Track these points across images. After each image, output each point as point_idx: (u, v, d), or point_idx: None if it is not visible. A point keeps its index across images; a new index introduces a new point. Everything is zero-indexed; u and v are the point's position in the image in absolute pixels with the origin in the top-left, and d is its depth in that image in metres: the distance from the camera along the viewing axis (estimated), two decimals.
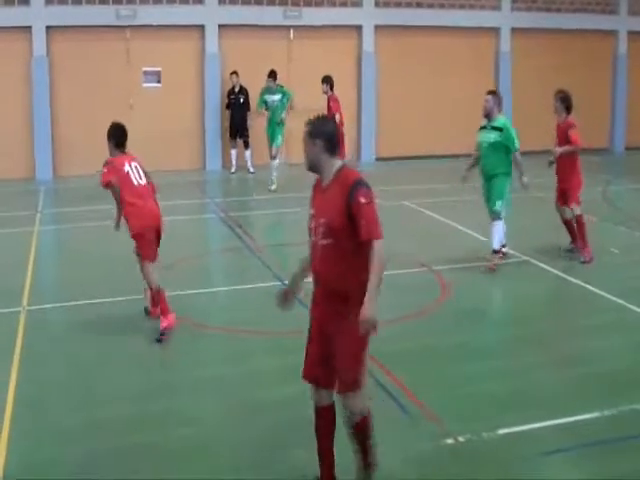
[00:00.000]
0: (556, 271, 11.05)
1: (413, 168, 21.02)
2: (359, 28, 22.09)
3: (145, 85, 20.59)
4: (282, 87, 18.41)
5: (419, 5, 22.57)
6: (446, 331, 8.86)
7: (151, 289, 8.81)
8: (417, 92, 22.59)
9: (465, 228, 13.60)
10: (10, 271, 11.49)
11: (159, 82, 20.71)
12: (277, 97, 18.10)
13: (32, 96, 19.85)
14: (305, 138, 5.21)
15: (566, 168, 11.44)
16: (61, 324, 9.44)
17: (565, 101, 11.44)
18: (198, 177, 20.31)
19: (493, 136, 11.01)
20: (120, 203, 9.05)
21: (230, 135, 20.79)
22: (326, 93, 16.71)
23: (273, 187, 17.44)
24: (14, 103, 19.87)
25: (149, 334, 8.55)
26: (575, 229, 11.63)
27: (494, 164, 11.03)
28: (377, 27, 22.08)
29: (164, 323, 8.57)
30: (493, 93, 11.40)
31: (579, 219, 11.53)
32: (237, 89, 20.62)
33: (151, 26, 20.38)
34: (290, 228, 14.28)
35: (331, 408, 5.40)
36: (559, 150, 11.31)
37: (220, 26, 20.86)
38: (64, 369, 7.92)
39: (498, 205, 11.06)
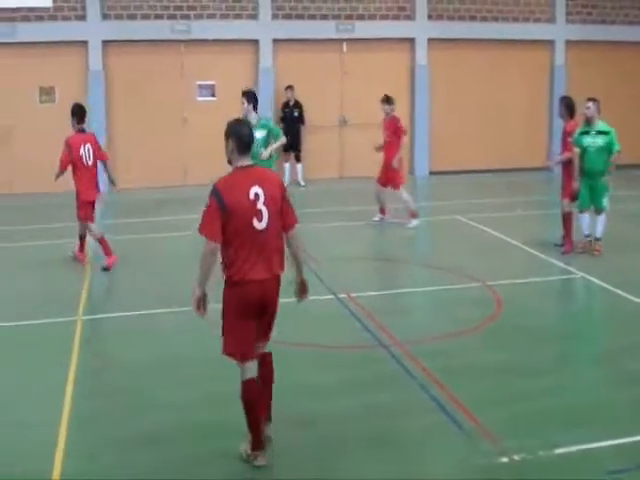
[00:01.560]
0: (612, 287, 10.88)
1: (466, 182, 20.87)
2: (412, 41, 22.05)
3: (199, 99, 20.79)
4: (267, 122, 12.96)
5: (473, 18, 22.46)
6: (501, 347, 8.77)
7: (98, 237, 12.08)
8: (470, 105, 22.44)
9: (519, 243, 13.48)
10: (67, 281, 11.66)
11: (213, 96, 20.88)
12: (260, 134, 12.10)
13: (89, 110, 20.06)
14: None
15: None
16: (116, 334, 9.54)
17: (569, 107, 12.60)
18: None
19: (601, 140, 12.18)
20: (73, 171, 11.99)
21: (284, 148, 20.83)
22: (388, 114, 15.35)
23: None
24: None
25: (202, 344, 8.56)
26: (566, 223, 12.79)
27: (600, 165, 12.20)
28: (430, 40, 22.01)
29: (109, 261, 11.93)
30: (594, 100, 12.28)
31: (568, 215, 12.69)
32: (292, 103, 20.71)
33: (206, 40, 20.57)
34: (342, 241, 14.26)
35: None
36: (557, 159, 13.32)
37: (274, 40, 20.98)
38: (119, 378, 8.00)
39: (605, 202, 12.40)
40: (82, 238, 12.65)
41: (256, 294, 5.86)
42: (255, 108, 12.27)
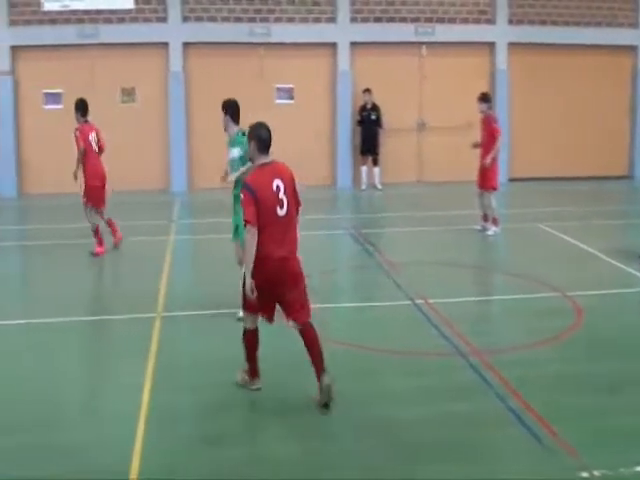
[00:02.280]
0: None
1: (546, 189, 20.49)
2: (492, 45, 21.79)
3: (278, 101, 20.89)
4: (244, 135, 8.83)
5: (554, 23, 22.06)
6: (581, 359, 8.58)
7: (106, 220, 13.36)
8: (550, 111, 22.05)
9: (600, 253, 13.18)
10: (147, 277, 11.84)
11: (291, 99, 20.96)
12: (237, 152, 9.78)
13: (168, 110, 20.47)
14: None
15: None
16: (193, 331, 9.64)
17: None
18: (329, 194, 20.35)
19: None
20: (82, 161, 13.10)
21: (361, 152, 20.82)
22: (484, 112, 14.87)
23: None
24: (151, 117, 20.56)
25: (279, 344, 8.60)
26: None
27: None
28: (510, 44, 21.72)
29: (100, 249, 13.09)
30: None
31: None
32: (369, 106, 20.63)
33: (284, 44, 20.66)
34: (419, 246, 14.17)
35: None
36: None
37: (352, 43, 20.96)
38: (195, 376, 8.05)
39: None
40: (96, 232, 13.27)
41: (276, 268, 6.92)
42: (234, 119, 9.99)
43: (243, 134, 9.14)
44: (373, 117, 20.65)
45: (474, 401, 7.39)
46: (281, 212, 6.94)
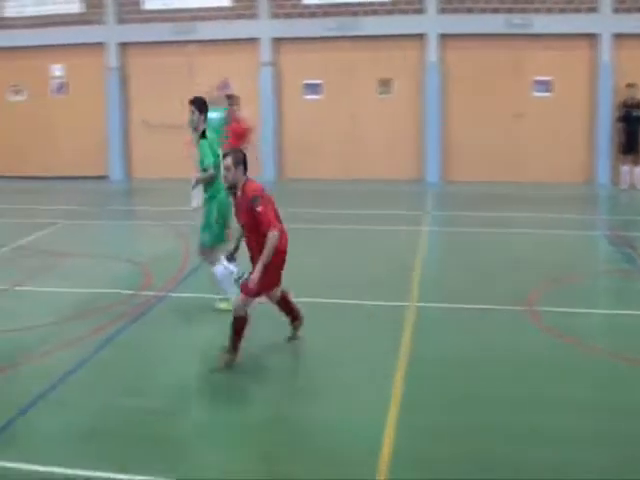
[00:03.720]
0: None
1: None
2: None
3: (535, 94, 20.39)
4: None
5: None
6: None
7: None
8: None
9: None
10: (400, 266, 11.87)
11: (549, 92, 20.38)
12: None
13: (424, 101, 20.58)
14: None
15: None
16: (445, 324, 9.49)
17: None
18: (585, 192, 19.56)
19: None
20: None
21: (622, 150, 19.79)
22: None
23: None
24: (406, 108, 20.80)
25: (523, 344, 8.40)
26: None
27: None
28: None
29: None
30: None
31: None
32: (633, 102, 19.54)
33: (542, 35, 20.02)
34: None
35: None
36: None
37: (615, 35, 19.89)
38: (447, 368, 7.92)
39: None
40: None
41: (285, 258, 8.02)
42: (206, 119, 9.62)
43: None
44: (635, 114, 19.51)
45: None
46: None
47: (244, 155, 7.81)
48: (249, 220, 7.73)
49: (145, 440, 6.38)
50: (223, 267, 9.13)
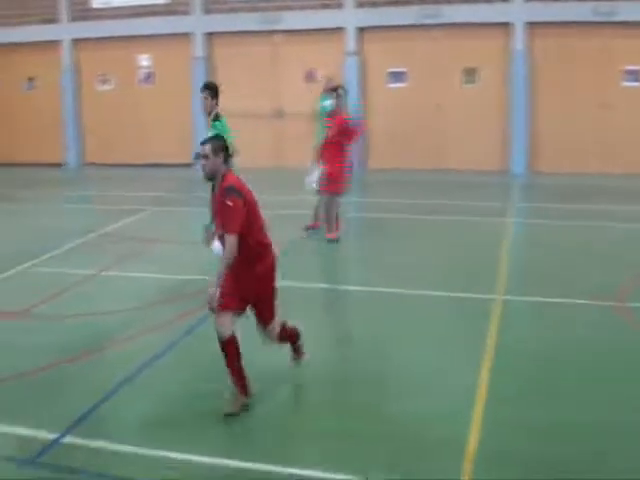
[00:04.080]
0: None
1: None
2: None
3: (625, 84, 19.87)
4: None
5: None
6: None
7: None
8: None
9: None
10: (486, 259, 11.74)
11: (638, 81, 19.86)
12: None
13: (510, 90, 20.26)
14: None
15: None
16: (533, 317, 9.39)
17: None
18: None
19: None
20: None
21: None
22: None
23: None
24: (491, 98, 20.51)
25: (622, 344, 8.21)
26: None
27: None
28: None
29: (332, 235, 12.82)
30: None
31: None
32: None
33: (631, 23, 19.45)
34: None
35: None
36: None
37: None
38: (533, 363, 7.80)
39: None
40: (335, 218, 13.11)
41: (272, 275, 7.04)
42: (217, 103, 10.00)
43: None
44: None
45: None
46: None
47: (225, 142, 6.75)
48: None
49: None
50: None
